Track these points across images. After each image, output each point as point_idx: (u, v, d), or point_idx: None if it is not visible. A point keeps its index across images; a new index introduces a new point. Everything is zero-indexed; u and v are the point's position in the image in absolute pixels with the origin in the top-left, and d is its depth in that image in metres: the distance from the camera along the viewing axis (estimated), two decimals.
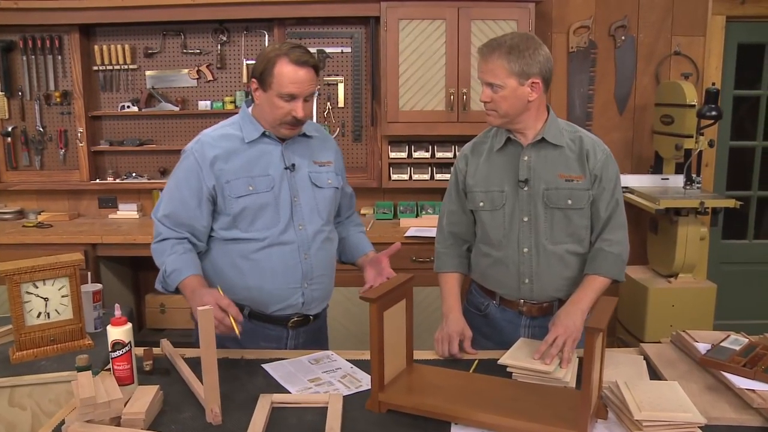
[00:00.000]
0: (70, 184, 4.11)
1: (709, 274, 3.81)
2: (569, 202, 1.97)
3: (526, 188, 1.98)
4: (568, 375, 1.76)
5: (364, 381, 1.79)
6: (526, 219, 1.99)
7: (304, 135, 2.08)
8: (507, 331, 2.07)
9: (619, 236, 2.01)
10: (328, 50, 3.96)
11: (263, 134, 2.02)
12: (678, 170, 3.86)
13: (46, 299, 2.10)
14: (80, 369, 1.82)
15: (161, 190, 3.95)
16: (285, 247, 2.01)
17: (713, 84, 3.52)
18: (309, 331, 2.14)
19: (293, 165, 2.04)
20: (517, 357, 1.83)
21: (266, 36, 3.97)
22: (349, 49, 3.97)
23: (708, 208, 3.40)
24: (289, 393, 1.71)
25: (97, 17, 3.80)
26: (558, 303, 2.02)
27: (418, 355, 1.89)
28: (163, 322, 4.00)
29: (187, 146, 2.05)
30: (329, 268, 2.13)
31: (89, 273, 2.46)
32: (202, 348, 1.51)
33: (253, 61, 3.86)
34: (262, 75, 1.94)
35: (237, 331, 1.76)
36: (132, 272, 4.13)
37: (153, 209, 2.08)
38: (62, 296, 2.13)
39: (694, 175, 3.59)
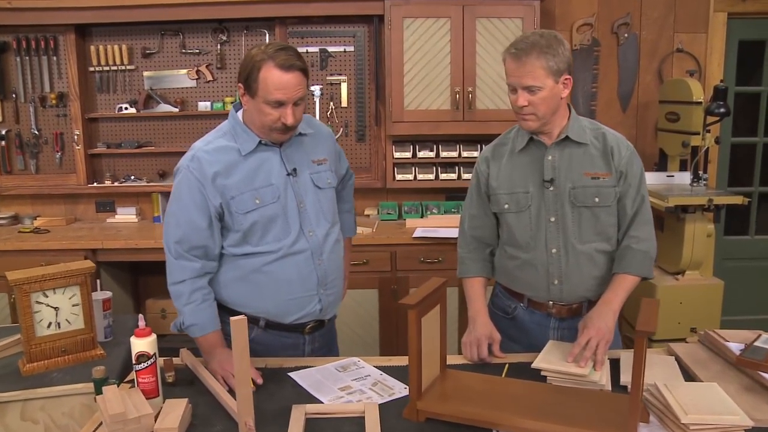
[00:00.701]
0: (66, 188, 4.01)
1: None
2: (596, 200, 1.94)
3: (551, 188, 1.95)
4: (603, 377, 1.74)
5: (396, 388, 1.74)
6: (552, 219, 1.96)
7: (299, 134, 1.99)
8: (535, 334, 2.03)
9: (646, 233, 1.98)
10: (330, 49, 3.91)
11: (259, 143, 1.93)
12: (682, 167, 3.85)
13: (56, 309, 2.05)
14: (97, 381, 1.76)
15: (161, 193, 3.96)
16: (299, 256, 1.94)
17: (722, 81, 3.51)
18: (323, 335, 2.10)
19: (294, 170, 1.96)
20: (549, 360, 1.80)
21: (267, 35, 3.91)
22: (351, 48, 3.92)
23: (716, 205, 3.39)
24: (321, 402, 1.66)
25: (93, 17, 3.72)
26: (587, 304, 1.99)
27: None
28: (164, 327, 3.90)
29: (181, 164, 1.93)
30: (340, 269, 2.08)
31: (98, 280, 2.39)
32: (236, 359, 1.46)
33: None
34: (247, 80, 1.84)
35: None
36: (131, 277, 4.04)
37: (164, 242, 1.94)
38: (73, 305, 2.08)
39: (700, 172, 3.58)
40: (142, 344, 1.62)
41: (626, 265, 1.95)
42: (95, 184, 4.00)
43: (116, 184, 4.01)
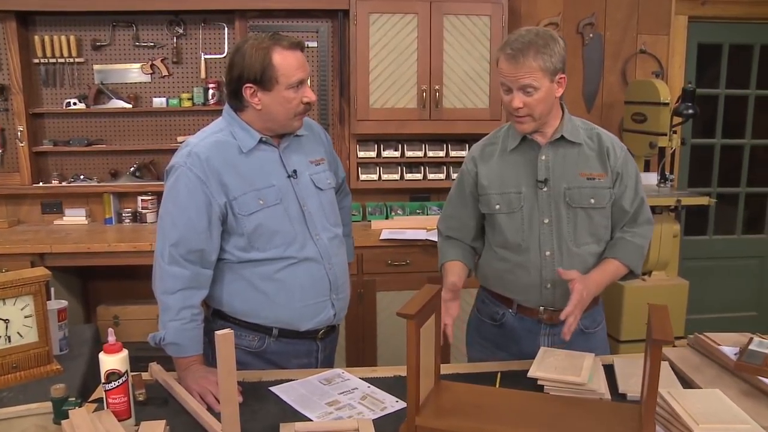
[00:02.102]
0: (8, 188, 3.73)
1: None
2: (592, 201, 1.88)
3: (545, 189, 1.88)
4: (601, 386, 1.67)
5: (387, 402, 1.64)
6: (546, 221, 1.89)
7: (295, 135, 1.92)
8: (525, 341, 1.96)
9: (644, 230, 1.95)
10: None
11: (260, 140, 1.84)
12: (647, 168, 3.87)
13: (6, 321, 1.87)
14: (57, 401, 1.59)
15: (113, 193, 3.74)
16: (310, 262, 1.86)
17: (689, 83, 3.53)
18: (333, 340, 2.04)
19: (295, 171, 1.88)
20: (546, 368, 1.72)
21: (226, 29, 3.73)
22: (315, 44, 3.79)
23: (684, 206, 3.41)
24: (310, 420, 1.54)
25: (37, 4, 3.48)
26: None
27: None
28: (118, 335, 3.66)
29: (176, 161, 1.81)
30: (347, 272, 2.02)
31: (53, 289, 2.20)
32: (221, 376, 1.33)
33: (213, 56, 3.73)
34: (262, 76, 1.75)
35: None
36: (81, 282, 3.80)
37: (157, 246, 1.81)
38: (25, 317, 1.91)
39: (667, 173, 3.61)
40: (112, 361, 1.48)
41: (616, 252, 1.92)
42: (41, 184, 3.74)
43: (64, 184, 3.76)
